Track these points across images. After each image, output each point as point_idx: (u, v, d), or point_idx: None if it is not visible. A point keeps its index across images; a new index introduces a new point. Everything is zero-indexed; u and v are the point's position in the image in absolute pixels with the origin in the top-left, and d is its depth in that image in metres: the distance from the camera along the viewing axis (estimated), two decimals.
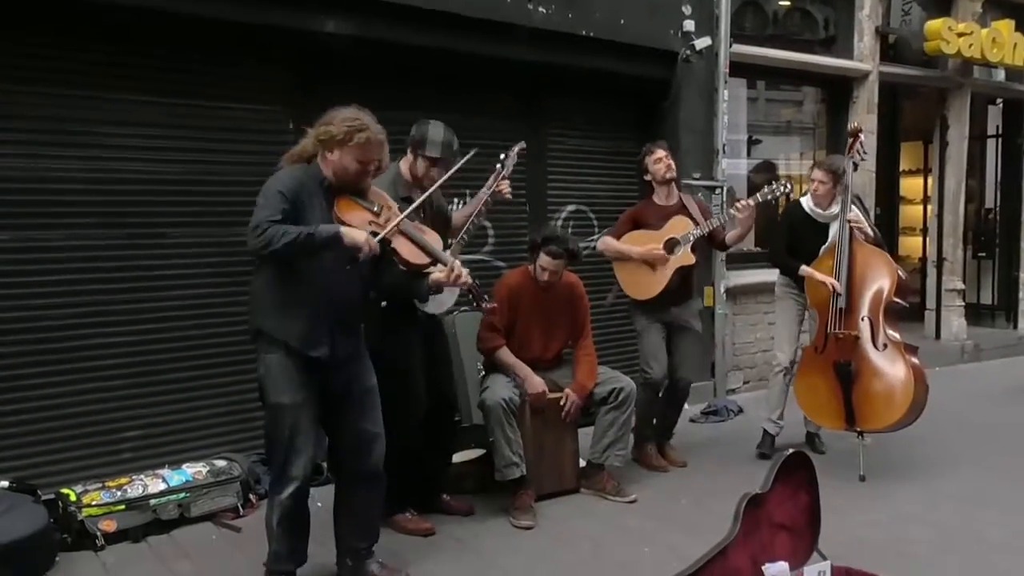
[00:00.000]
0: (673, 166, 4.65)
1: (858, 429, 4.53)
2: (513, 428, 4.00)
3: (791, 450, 3.10)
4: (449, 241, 3.91)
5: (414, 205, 3.20)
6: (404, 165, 3.75)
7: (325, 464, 4.33)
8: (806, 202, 4.82)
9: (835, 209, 4.69)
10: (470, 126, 5.23)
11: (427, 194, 3.39)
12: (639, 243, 4.60)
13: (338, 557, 3.30)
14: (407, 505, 3.86)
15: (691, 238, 4.53)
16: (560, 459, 4.30)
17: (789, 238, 4.85)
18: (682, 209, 4.66)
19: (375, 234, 2.94)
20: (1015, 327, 9.15)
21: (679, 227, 4.57)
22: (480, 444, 4.44)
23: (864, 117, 7.33)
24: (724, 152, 6.26)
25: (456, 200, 5.28)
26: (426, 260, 3.14)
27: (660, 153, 4.64)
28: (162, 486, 3.81)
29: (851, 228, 4.55)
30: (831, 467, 4.45)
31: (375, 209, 3.04)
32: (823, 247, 4.72)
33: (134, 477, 3.86)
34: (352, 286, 3.06)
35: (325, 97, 4.61)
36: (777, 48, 6.80)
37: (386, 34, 4.66)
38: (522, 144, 4.22)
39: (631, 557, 3.55)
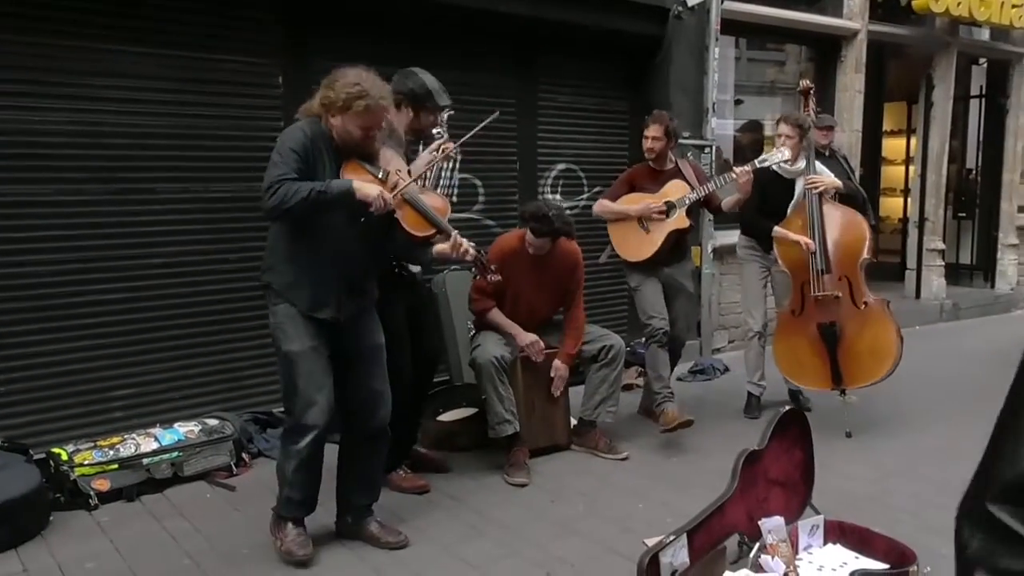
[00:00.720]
0: (656, 148, 4.53)
1: (844, 387, 4.60)
2: (505, 385, 4.01)
3: (787, 407, 3.14)
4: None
5: (417, 174, 3.12)
6: (400, 121, 3.62)
7: None
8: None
9: (801, 164, 4.69)
10: (463, 81, 5.16)
11: (423, 169, 3.30)
12: (635, 204, 4.57)
13: (338, 515, 3.32)
14: (400, 463, 3.88)
15: (687, 202, 4.51)
16: (552, 416, 4.33)
17: (759, 198, 4.77)
18: (678, 173, 4.63)
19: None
20: (993, 286, 9.30)
21: (676, 191, 4.54)
22: (472, 403, 4.47)
23: (852, 76, 7.33)
24: (714, 111, 6.23)
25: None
26: (430, 231, 3.10)
27: (650, 130, 4.55)
28: (155, 445, 3.80)
29: (815, 189, 4.57)
30: (816, 424, 4.45)
31: (380, 176, 2.99)
32: (790, 206, 4.72)
33: (126, 436, 3.83)
34: (363, 246, 3.04)
35: (315, 51, 4.60)
36: (768, 6, 6.73)
37: None
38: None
39: (625, 512, 3.60)
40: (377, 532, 3.26)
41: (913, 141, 8.98)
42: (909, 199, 9.02)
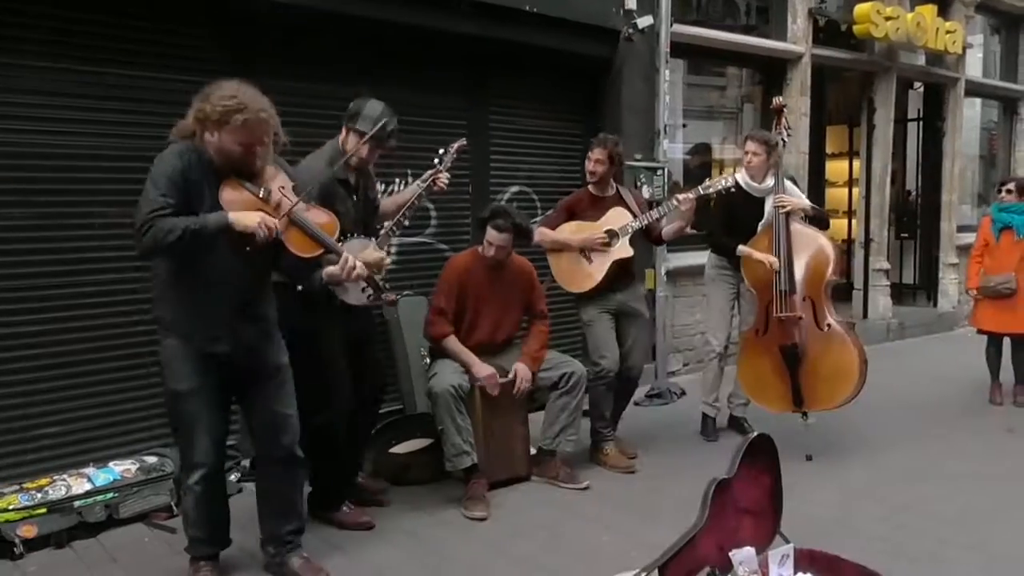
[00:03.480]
0: (599, 172, 4.42)
1: (805, 410, 4.55)
2: (463, 415, 3.86)
3: (756, 433, 3.06)
4: (378, 228, 3.73)
5: (306, 191, 2.94)
6: (340, 141, 3.54)
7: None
8: (741, 176, 4.71)
9: (770, 182, 4.65)
10: (412, 102, 5.06)
11: (311, 187, 3.06)
12: (576, 234, 4.44)
13: (261, 543, 3.19)
14: (344, 498, 3.70)
15: (629, 231, 4.40)
16: (511, 446, 4.18)
17: (725, 216, 4.75)
18: (619, 201, 4.52)
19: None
20: (935, 305, 9.48)
21: (617, 219, 4.43)
22: (427, 433, 4.29)
23: (798, 99, 7.41)
24: (665, 133, 6.22)
25: (397, 180, 5.10)
26: (316, 251, 2.91)
27: (594, 153, 4.43)
28: (87, 486, 3.54)
29: (783, 208, 4.52)
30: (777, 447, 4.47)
31: (262, 195, 2.81)
32: (760, 224, 4.68)
33: (56, 477, 3.57)
34: (251, 270, 2.89)
35: (263, 70, 4.40)
36: (716, 29, 6.79)
37: (326, 5, 4.43)
38: (462, 141, 4.08)
39: (589, 545, 3.47)
40: (298, 568, 3.11)
41: (855, 163, 9.13)
42: (854, 220, 9.15)
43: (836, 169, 10.17)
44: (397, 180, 5.09)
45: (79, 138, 3.92)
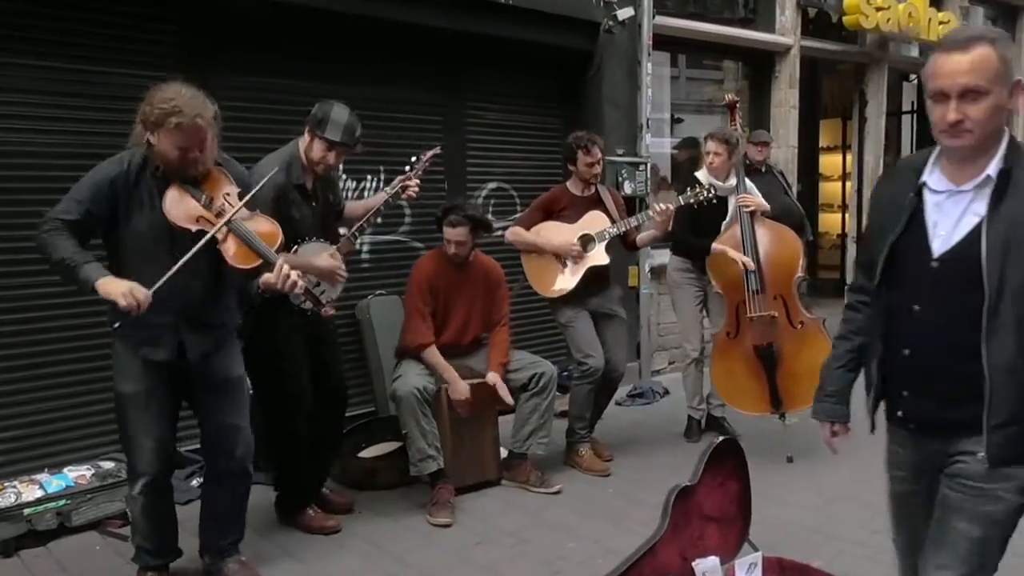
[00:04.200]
0: (599, 173, 4.34)
1: (783, 411, 4.43)
2: (428, 419, 3.76)
3: (720, 438, 2.95)
4: (342, 232, 3.62)
5: (245, 200, 2.82)
6: (301, 145, 3.41)
7: None
8: (703, 176, 4.54)
9: (732, 181, 4.52)
10: (386, 98, 4.96)
11: (251, 195, 2.87)
12: (552, 236, 4.29)
13: (199, 550, 3.11)
14: (309, 501, 3.61)
15: (607, 236, 4.25)
16: (480, 449, 4.07)
17: (690, 217, 4.53)
18: (598, 202, 4.37)
19: (200, 232, 2.67)
20: None
21: (595, 223, 4.28)
22: (397, 436, 4.17)
23: (787, 92, 7.29)
24: (648, 127, 6.09)
25: (370, 178, 4.99)
26: (254, 263, 2.79)
27: (597, 155, 4.28)
28: (38, 493, 3.44)
29: (747, 208, 4.40)
30: (756, 450, 4.31)
31: (203, 202, 2.74)
32: (724, 223, 4.52)
33: (6, 484, 3.47)
34: (199, 280, 2.80)
35: (227, 66, 4.32)
36: (700, 21, 6.66)
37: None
38: (436, 149, 3.94)
39: (554, 553, 3.36)
40: (234, 573, 3.02)
41: (849, 157, 9.01)
42: (847, 215, 9.03)
43: (831, 163, 10.06)
44: (369, 177, 4.98)
45: (39, 135, 3.82)
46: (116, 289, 2.54)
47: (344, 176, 4.84)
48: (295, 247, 3.28)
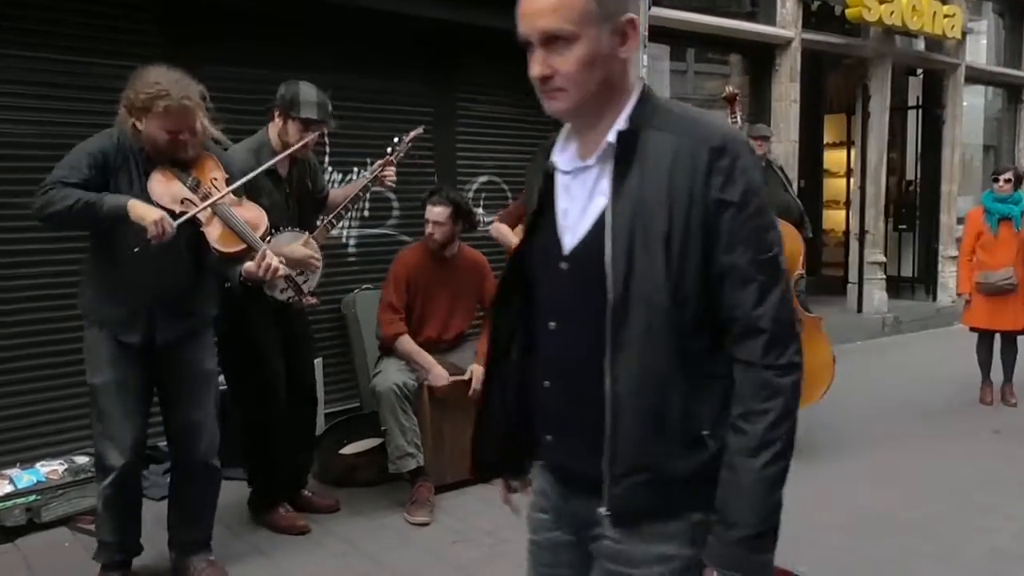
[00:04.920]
0: None
1: None
2: (408, 415, 3.68)
3: None
4: (321, 219, 3.55)
5: (233, 187, 2.83)
6: (272, 131, 3.35)
7: None
8: None
9: None
10: (372, 89, 4.87)
11: (243, 181, 2.92)
12: None
13: (168, 546, 3.06)
14: (280, 500, 3.54)
15: None
16: (461, 447, 3.96)
17: None
18: None
19: (182, 213, 2.64)
20: (934, 299, 9.21)
21: None
22: (380, 433, 4.10)
23: (788, 86, 7.18)
24: None
25: (356, 170, 4.91)
26: (238, 247, 2.79)
27: None
28: (7, 488, 3.40)
29: None
30: None
31: (189, 183, 2.73)
32: None
33: None
34: (177, 264, 2.76)
35: (205, 55, 4.23)
36: (699, 13, 6.55)
37: None
38: (419, 129, 3.86)
39: None
40: (200, 571, 2.96)
41: (853, 153, 8.88)
42: (851, 212, 8.91)
43: (835, 159, 9.93)
44: (356, 169, 4.91)
45: (27, 126, 3.78)
46: (150, 214, 2.52)
47: (330, 168, 4.78)
48: (268, 237, 3.22)
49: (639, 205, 1.29)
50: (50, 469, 3.55)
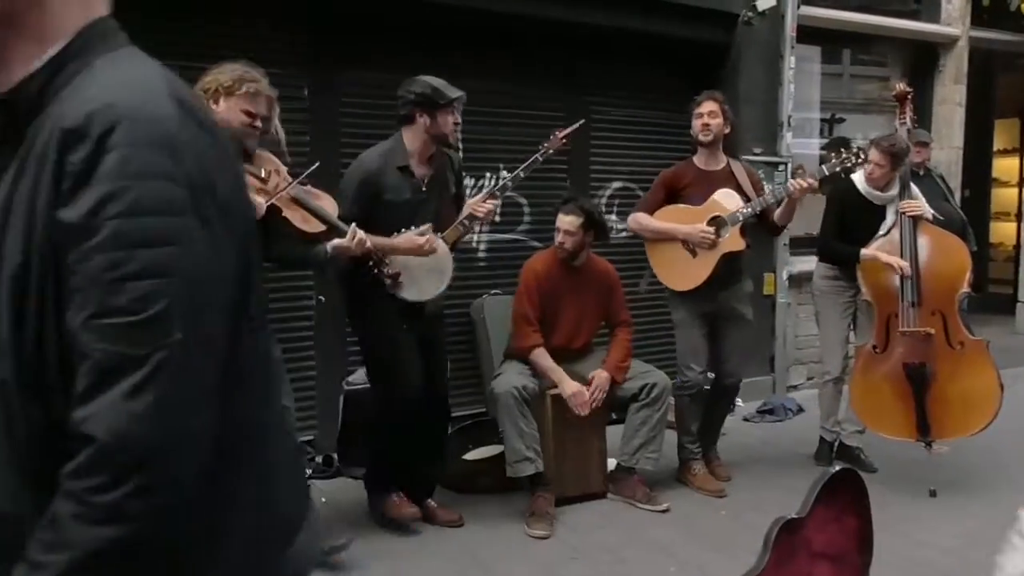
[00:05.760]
0: (713, 126, 3.90)
1: (931, 439, 3.96)
2: (527, 420, 3.60)
3: (836, 466, 2.63)
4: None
5: (301, 177, 2.99)
6: (409, 135, 3.33)
7: (336, 455, 4.08)
8: (860, 182, 4.13)
9: (894, 190, 4.05)
10: (506, 93, 4.86)
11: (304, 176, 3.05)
12: (678, 222, 3.95)
13: None
14: (395, 486, 3.49)
15: (740, 218, 3.83)
16: (586, 459, 3.89)
17: (838, 221, 4.18)
18: (730, 178, 3.97)
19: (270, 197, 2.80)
20: None
21: (726, 202, 3.88)
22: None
23: (952, 88, 6.63)
24: (789, 125, 5.69)
25: (488, 175, 4.91)
26: (321, 227, 2.95)
27: (705, 107, 3.92)
28: None
29: (911, 212, 3.96)
30: (895, 480, 3.93)
31: (261, 175, 2.83)
32: (881, 231, 4.07)
33: None
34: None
35: (345, 60, 4.36)
36: (852, 11, 6.16)
37: None
38: (581, 121, 3.91)
39: (651, 575, 3.13)
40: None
41: None
42: (1022, 224, 8.14)
43: (1006, 167, 9.13)
44: (488, 175, 4.91)
45: None
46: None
47: (464, 174, 4.79)
48: (395, 233, 3.25)
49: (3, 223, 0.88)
50: None
